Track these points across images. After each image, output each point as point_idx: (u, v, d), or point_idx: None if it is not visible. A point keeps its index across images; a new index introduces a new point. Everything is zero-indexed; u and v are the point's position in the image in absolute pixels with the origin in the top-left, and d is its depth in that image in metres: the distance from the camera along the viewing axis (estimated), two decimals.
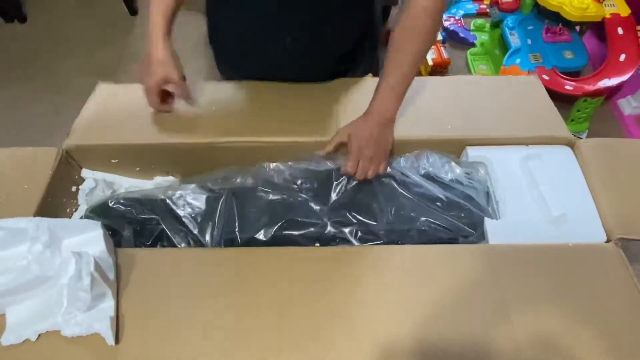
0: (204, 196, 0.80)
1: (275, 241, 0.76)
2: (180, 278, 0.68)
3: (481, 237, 0.76)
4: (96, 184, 0.89)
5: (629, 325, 0.61)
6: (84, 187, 0.88)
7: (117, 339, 0.61)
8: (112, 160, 0.89)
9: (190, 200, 0.80)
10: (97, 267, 0.61)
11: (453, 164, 0.82)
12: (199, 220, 0.78)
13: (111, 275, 0.65)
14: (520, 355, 0.59)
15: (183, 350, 0.61)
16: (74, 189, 0.88)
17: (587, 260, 0.68)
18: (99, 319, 0.60)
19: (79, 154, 0.88)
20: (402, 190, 0.79)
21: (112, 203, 0.80)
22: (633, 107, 1.69)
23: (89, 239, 0.65)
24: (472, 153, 0.84)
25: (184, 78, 0.86)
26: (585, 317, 0.62)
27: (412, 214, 0.77)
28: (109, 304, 0.62)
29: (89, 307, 0.61)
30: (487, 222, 0.75)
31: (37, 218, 0.65)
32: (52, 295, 0.61)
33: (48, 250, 0.61)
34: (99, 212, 0.80)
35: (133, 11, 2.37)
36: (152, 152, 0.89)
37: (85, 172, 0.90)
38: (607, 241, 0.71)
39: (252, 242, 0.76)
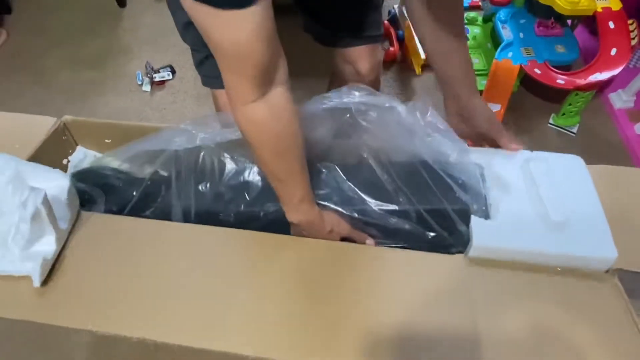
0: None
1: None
2: (142, 248, 0.67)
3: (467, 235, 0.71)
4: (85, 156, 0.90)
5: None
6: (73, 159, 0.89)
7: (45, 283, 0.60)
8: (106, 140, 0.90)
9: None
10: (47, 204, 0.60)
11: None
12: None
13: (63, 225, 0.64)
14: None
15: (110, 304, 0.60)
16: (65, 161, 0.89)
17: (582, 290, 0.64)
18: (33, 259, 0.59)
19: (75, 128, 0.89)
20: (387, 176, 0.75)
21: (99, 171, 0.80)
22: (624, 100, 1.69)
23: (53, 187, 0.64)
24: (472, 155, 0.77)
25: None
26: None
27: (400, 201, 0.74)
28: (49, 248, 0.61)
29: (27, 242, 0.59)
30: (474, 220, 0.70)
31: (9, 155, 0.64)
32: (2, 232, 0.59)
33: (10, 186, 0.60)
34: (83, 176, 0.80)
35: (122, 3, 2.33)
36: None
37: (79, 150, 0.92)
38: (605, 271, 0.66)
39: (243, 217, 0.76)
